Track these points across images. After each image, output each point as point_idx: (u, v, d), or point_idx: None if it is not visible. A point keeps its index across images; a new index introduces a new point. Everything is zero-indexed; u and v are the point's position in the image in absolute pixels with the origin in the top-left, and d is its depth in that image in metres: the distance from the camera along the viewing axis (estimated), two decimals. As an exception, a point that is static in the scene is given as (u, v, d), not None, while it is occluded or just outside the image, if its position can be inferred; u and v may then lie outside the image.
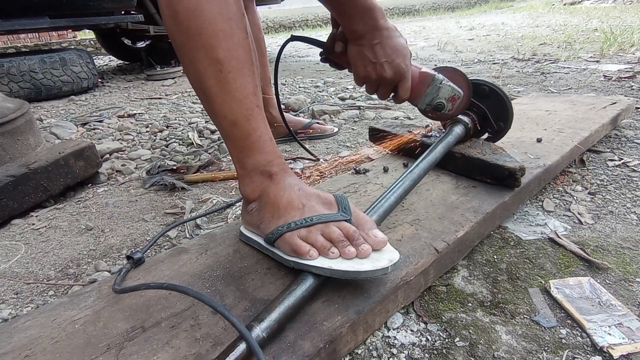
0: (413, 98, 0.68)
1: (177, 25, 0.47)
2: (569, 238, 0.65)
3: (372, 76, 0.65)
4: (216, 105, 0.49)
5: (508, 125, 0.77)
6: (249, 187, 0.54)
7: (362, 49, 0.63)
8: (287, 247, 0.48)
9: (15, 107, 0.95)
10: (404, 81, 0.65)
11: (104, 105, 1.98)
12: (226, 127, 0.51)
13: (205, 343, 0.41)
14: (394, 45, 0.62)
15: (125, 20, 2.52)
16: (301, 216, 0.49)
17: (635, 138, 1.02)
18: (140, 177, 1.05)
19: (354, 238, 0.46)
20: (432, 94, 0.67)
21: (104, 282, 0.52)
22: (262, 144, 0.52)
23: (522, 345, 0.46)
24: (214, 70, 0.47)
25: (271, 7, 6.12)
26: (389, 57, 0.62)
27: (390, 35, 0.62)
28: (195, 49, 0.47)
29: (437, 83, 0.66)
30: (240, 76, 0.48)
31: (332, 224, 0.48)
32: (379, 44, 0.61)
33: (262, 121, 0.52)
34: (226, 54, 0.47)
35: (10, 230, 0.82)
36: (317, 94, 1.89)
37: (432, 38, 3.69)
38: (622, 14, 4.04)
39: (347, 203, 0.51)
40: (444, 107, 0.68)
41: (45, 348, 0.41)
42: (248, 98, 0.49)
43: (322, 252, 0.46)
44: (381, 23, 0.61)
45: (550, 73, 1.88)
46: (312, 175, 0.97)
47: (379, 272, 0.43)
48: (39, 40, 5.42)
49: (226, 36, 0.47)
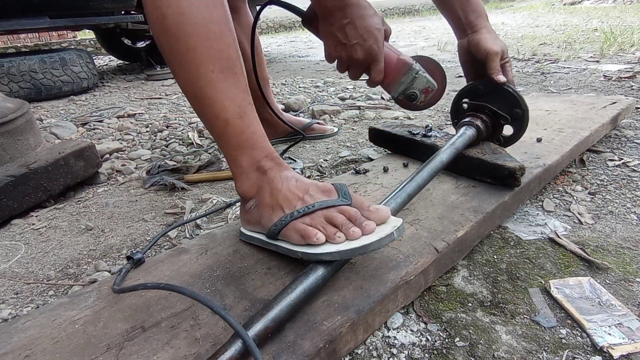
0: (387, 85, 0.67)
1: (165, 29, 0.47)
2: (569, 238, 0.65)
3: (342, 56, 0.63)
4: (208, 106, 0.50)
5: (522, 132, 0.76)
6: (246, 185, 0.54)
7: (332, 29, 0.60)
8: (294, 234, 0.48)
9: (15, 107, 0.95)
10: (376, 63, 0.62)
11: (104, 105, 1.98)
12: (219, 127, 0.51)
13: (205, 343, 0.41)
14: (366, 26, 0.59)
15: (125, 20, 2.52)
16: (303, 204, 0.49)
17: (635, 138, 1.02)
18: (140, 177, 1.05)
19: (356, 218, 0.46)
20: (406, 83, 0.65)
21: (104, 282, 0.52)
22: (255, 140, 0.52)
23: (522, 345, 0.46)
24: (205, 70, 0.48)
25: (271, 7, 6.12)
26: (361, 39, 0.59)
27: (362, 14, 0.58)
28: (185, 52, 0.47)
29: (414, 73, 0.64)
30: (231, 75, 0.49)
31: (333, 209, 0.48)
32: (350, 24, 0.59)
33: (254, 118, 0.52)
34: (217, 54, 0.48)
35: (10, 230, 0.82)
36: (317, 94, 1.89)
37: (432, 38, 3.69)
38: (622, 14, 4.04)
39: (347, 189, 0.51)
40: (417, 97, 0.67)
41: (45, 348, 0.41)
42: (239, 96, 0.50)
43: (329, 237, 0.46)
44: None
45: (550, 73, 1.88)
46: (312, 176, 0.97)
47: (385, 240, 0.44)
48: (39, 40, 5.42)
49: (217, 37, 0.48)
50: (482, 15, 0.73)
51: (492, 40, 0.71)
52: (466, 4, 0.72)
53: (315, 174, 0.99)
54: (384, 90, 0.70)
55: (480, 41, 0.71)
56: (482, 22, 0.73)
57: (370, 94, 1.78)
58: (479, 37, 0.72)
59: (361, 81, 2.11)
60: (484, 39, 0.71)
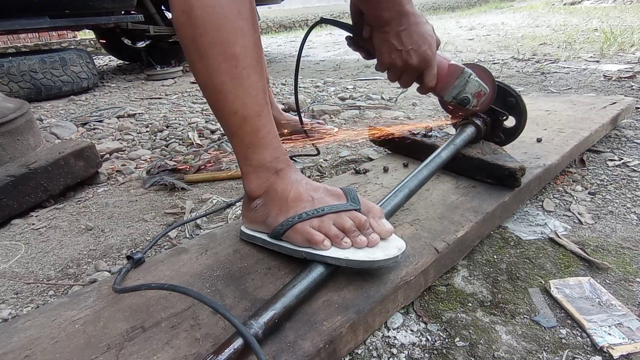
0: (440, 89, 0.68)
1: (191, 20, 0.47)
2: (569, 238, 0.65)
3: (397, 63, 0.63)
4: (228, 101, 0.49)
5: (519, 131, 0.76)
6: (255, 184, 0.54)
7: (388, 36, 0.61)
8: (300, 237, 0.48)
9: (15, 107, 0.95)
10: (430, 69, 0.64)
11: (104, 105, 1.98)
12: (235, 123, 0.51)
13: (205, 343, 0.41)
14: (421, 32, 0.60)
15: (125, 20, 2.52)
16: (312, 207, 0.49)
17: (635, 138, 1.02)
18: (140, 177, 1.05)
19: (365, 227, 0.47)
20: (459, 87, 0.66)
21: (104, 282, 0.52)
22: (270, 140, 0.52)
23: (522, 345, 0.46)
24: (229, 66, 0.48)
25: (271, 7, 6.12)
26: (416, 44, 0.60)
27: (416, 21, 0.60)
28: (210, 45, 0.47)
29: (466, 76, 0.65)
30: (254, 73, 0.49)
31: (343, 213, 0.48)
32: (405, 30, 0.60)
33: (270, 118, 0.52)
34: (242, 50, 0.48)
35: (10, 230, 0.82)
36: (317, 94, 1.89)
37: (432, 38, 3.68)
38: (622, 14, 4.04)
39: (355, 194, 0.52)
40: (469, 102, 0.68)
41: (45, 348, 0.41)
42: (260, 95, 0.50)
43: (335, 241, 0.47)
44: (407, 8, 0.59)
45: (550, 73, 1.88)
46: (312, 176, 0.97)
47: (391, 260, 0.45)
48: (39, 40, 5.42)
49: (244, 34, 0.48)
50: None
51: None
52: None
53: (315, 174, 0.99)
54: (436, 95, 0.70)
55: None
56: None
57: (370, 94, 1.78)
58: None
59: (361, 81, 2.11)
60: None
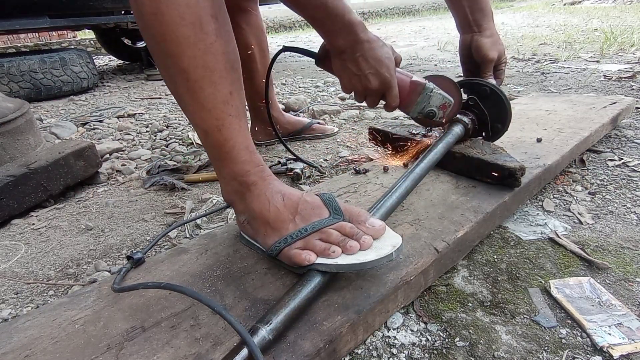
0: (404, 107, 0.69)
1: (143, 30, 0.45)
2: (569, 238, 0.65)
3: (357, 87, 0.64)
4: (189, 113, 0.49)
5: (505, 127, 0.77)
6: (228, 195, 0.55)
7: (345, 63, 0.62)
8: (287, 260, 0.48)
9: (15, 107, 0.95)
10: (391, 89, 0.64)
11: (104, 105, 1.98)
12: (200, 135, 0.50)
13: (205, 343, 0.41)
14: (377, 57, 0.61)
15: (125, 20, 2.52)
16: (295, 228, 0.49)
17: (635, 138, 1.02)
18: (140, 177, 1.05)
19: (353, 234, 0.46)
20: (423, 102, 0.67)
21: (104, 282, 0.52)
22: (235, 155, 0.50)
23: (522, 345, 0.46)
24: (182, 79, 0.45)
25: (271, 7, 6.12)
26: (373, 68, 0.61)
27: (372, 47, 0.61)
28: (163, 56, 0.45)
29: (428, 92, 0.66)
30: (208, 85, 0.46)
31: (327, 228, 0.48)
32: (361, 57, 0.61)
33: (236, 130, 0.49)
34: (191, 62, 0.44)
35: (10, 230, 0.82)
36: (317, 94, 1.89)
37: (432, 38, 3.69)
38: (622, 14, 4.04)
39: (336, 203, 0.51)
40: (435, 114, 0.69)
41: (45, 348, 0.41)
42: (218, 107, 0.47)
43: (324, 254, 0.46)
44: (362, 36, 0.60)
45: (550, 73, 1.88)
46: (312, 176, 0.97)
47: (384, 259, 0.44)
48: (39, 40, 5.42)
49: (189, 43, 0.43)
50: (488, 15, 0.76)
51: (492, 44, 0.76)
52: (474, 2, 0.75)
53: (315, 173, 0.99)
54: (403, 112, 0.72)
55: (480, 46, 0.76)
56: (486, 23, 0.76)
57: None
58: (479, 41, 0.76)
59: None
60: (484, 44, 0.75)
